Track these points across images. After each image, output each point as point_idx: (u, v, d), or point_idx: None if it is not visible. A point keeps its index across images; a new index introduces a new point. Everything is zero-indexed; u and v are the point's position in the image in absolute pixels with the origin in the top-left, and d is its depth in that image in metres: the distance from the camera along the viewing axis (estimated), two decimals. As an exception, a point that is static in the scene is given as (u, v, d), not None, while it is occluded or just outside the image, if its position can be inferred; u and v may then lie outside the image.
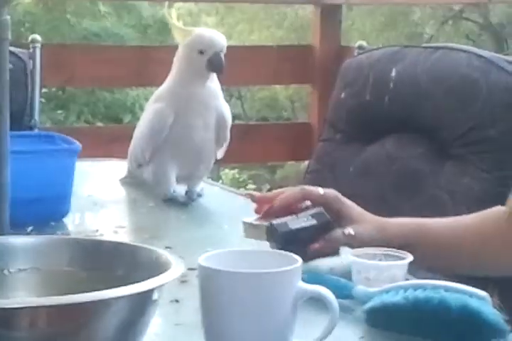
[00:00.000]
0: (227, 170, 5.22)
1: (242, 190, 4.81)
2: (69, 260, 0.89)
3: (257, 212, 1.20)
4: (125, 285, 0.77)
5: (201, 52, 1.47)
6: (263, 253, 0.87)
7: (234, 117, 1.60)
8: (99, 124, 5.62)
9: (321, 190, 1.18)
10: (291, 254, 0.84)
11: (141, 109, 5.86)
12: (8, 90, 1.24)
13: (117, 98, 6.01)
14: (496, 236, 1.15)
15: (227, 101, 1.56)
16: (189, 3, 6.70)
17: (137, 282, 0.78)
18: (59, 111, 5.82)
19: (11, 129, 1.23)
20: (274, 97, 6.67)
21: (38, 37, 2.37)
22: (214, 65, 1.46)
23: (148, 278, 0.79)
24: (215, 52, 1.46)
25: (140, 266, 0.86)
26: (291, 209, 1.15)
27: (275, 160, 3.82)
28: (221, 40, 1.47)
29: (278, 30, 7.41)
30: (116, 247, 0.90)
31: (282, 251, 0.87)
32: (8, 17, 1.23)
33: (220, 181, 5.08)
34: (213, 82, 1.50)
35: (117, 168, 1.76)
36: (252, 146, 2.93)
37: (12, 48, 2.07)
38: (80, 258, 0.89)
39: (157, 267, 0.83)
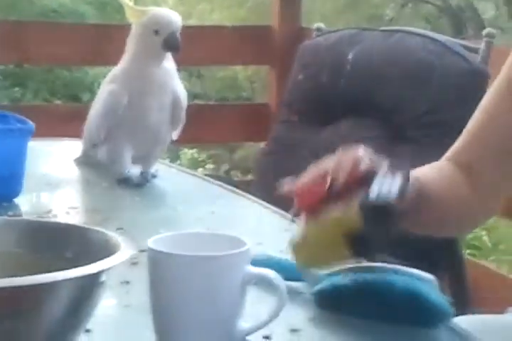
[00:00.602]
0: (185, 150, 5.20)
1: (200, 169, 4.80)
2: (17, 241, 0.88)
3: (301, 206, 0.91)
4: (74, 267, 0.77)
5: (157, 32, 1.46)
6: (213, 236, 0.87)
7: (194, 96, 1.60)
8: (58, 102, 5.56)
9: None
10: (240, 237, 0.84)
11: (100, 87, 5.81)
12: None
13: (76, 76, 5.94)
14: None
15: (187, 81, 1.55)
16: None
17: (86, 264, 0.78)
18: (16, 89, 5.75)
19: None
20: (234, 77, 6.64)
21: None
22: (170, 44, 1.45)
23: (97, 261, 0.79)
24: (171, 32, 1.45)
25: (89, 248, 0.86)
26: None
27: (233, 140, 3.82)
28: (176, 20, 1.46)
29: (239, 10, 7.37)
30: (66, 229, 0.90)
31: (229, 234, 0.87)
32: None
33: (179, 161, 5.06)
34: (169, 62, 1.49)
35: (73, 147, 1.75)
36: (210, 127, 2.92)
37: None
38: (28, 239, 0.89)
39: (107, 249, 0.83)
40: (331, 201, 0.87)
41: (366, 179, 0.86)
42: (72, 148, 1.74)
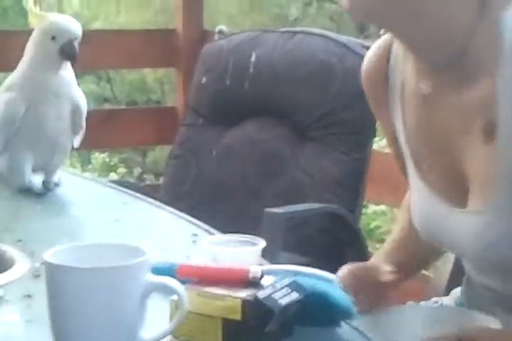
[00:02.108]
0: (96, 154, 5.13)
1: (112, 174, 4.75)
2: None
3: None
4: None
5: (54, 39, 1.43)
6: (112, 246, 0.86)
7: (104, 100, 1.57)
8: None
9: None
10: (139, 246, 0.84)
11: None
12: None
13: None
14: None
15: (96, 85, 1.53)
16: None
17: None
18: None
19: None
20: (143, 80, 6.59)
21: None
22: (66, 52, 1.43)
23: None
24: (69, 40, 1.43)
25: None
26: None
27: (141, 144, 3.79)
28: (75, 28, 1.44)
29: (146, 13, 7.32)
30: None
31: (130, 244, 0.86)
32: None
33: (90, 165, 5.00)
34: (67, 70, 1.47)
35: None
36: (119, 131, 2.90)
37: None
38: None
39: (1, 264, 0.82)
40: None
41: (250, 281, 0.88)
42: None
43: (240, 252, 1.01)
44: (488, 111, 1.05)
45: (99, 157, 5.18)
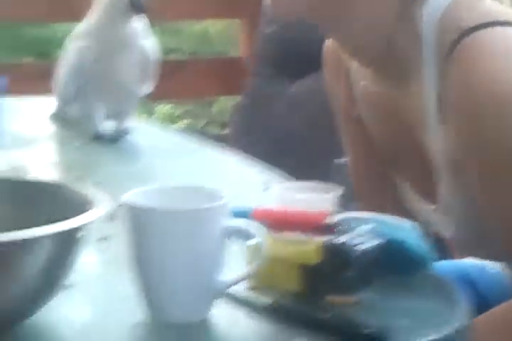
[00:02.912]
0: (161, 106, 5.16)
1: (176, 125, 4.77)
2: (-7, 198, 0.88)
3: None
4: (51, 223, 0.77)
5: (124, -9, 1.43)
6: (190, 189, 0.87)
7: (169, 51, 1.58)
8: (27, 59, 5.49)
9: None
10: (218, 190, 0.84)
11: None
12: None
13: (44, 33, 5.86)
14: None
15: (160, 35, 1.53)
16: None
17: (62, 220, 0.78)
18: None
19: None
20: (205, 31, 6.57)
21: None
22: (135, 6, 1.43)
23: (74, 217, 0.79)
24: None
25: (66, 204, 0.85)
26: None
27: (207, 95, 3.79)
28: None
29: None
30: (41, 185, 0.90)
31: (206, 186, 0.86)
32: None
33: (154, 116, 5.03)
34: (138, 21, 1.47)
35: (47, 104, 1.73)
36: (184, 81, 2.90)
37: None
38: (5, 196, 0.88)
39: (83, 205, 0.83)
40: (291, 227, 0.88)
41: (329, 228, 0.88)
42: (46, 104, 1.72)
43: (315, 199, 1.00)
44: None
45: (163, 108, 5.21)
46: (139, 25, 1.47)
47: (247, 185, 1.25)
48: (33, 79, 2.78)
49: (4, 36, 5.64)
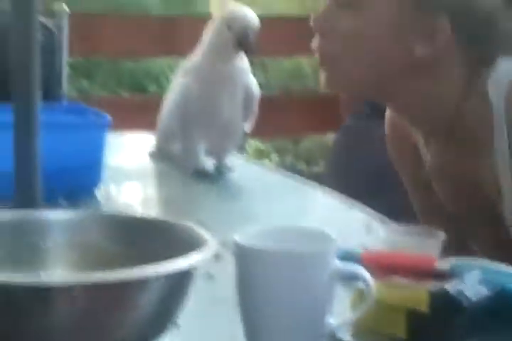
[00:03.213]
0: (250, 141, 5.21)
1: (266, 161, 4.80)
2: (105, 235, 0.89)
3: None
4: (161, 261, 0.78)
5: (231, 29, 1.45)
6: (296, 230, 0.87)
7: (259, 88, 1.59)
8: (124, 94, 5.62)
9: None
10: (324, 231, 0.84)
11: (167, 78, 5.84)
12: (38, 63, 1.23)
13: (142, 67, 6.00)
14: None
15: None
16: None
17: (172, 258, 0.79)
18: (83, 80, 5.82)
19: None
20: (298, 67, 6.62)
21: (64, 6, 2.36)
22: (242, 43, 1.45)
23: (184, 255, 0.79)
24: (245, 31, 1.45)
25: (175, 242, 0.87)
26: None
27: (301, 133, 3.81)
28: (253, 19, 1.45)
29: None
30: (152, 223, 0.91)
31: (315, 228, 0.86)
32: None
33: (245, 152, 5.07)
34: (242, 59, 1.49)
35: (145, 140, 1.76)
36: (276, 118, 2.93)
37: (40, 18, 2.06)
38: (115, 233, 0.90)
39: (192, 243, 0.84)
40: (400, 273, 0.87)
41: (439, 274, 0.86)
42: (144, 140, 1.76)
43: (421, 243, 0.99)
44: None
45: (252, 143, 5.25)
46: (242, 62, 1.49)
47: (348, 226, 1.24)
48: (129, 113, 2.85)
49: (103, 70, 5.80)
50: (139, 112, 2.86)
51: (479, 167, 1.07)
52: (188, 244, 0.84)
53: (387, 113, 1.23)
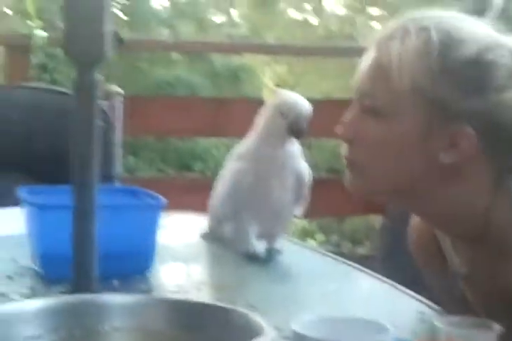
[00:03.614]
0: (295, 220, 5.21)
1: (310, 241, 4.80)
2: (163, 320, 0.91)
3: None
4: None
5: (283, 116, 1.49)
6: (351, 320, 0.88)
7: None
8: (171, 172, 5.70)
9: None
10: (381, 322, 0.85)
11: (212, 157, 5.92)
12: (98, 147, 1.26)
13: (188, 146, 6.09)
14: None
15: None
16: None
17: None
18: (130, 158, 5.92)
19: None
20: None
21: (118, 89, 2.44)
22: (294, 130, 1.48)
23: (242, 342, 0.80)
24: (297, 118, 1.48)
25: (232, 328, 0.88)
26: None
27: (347, 214, 3.82)
28: (305, 107, 1.49)
29: (349, 80, 7.42)
30: (209, 308, 0.92)
31: (371, 318, 0.87)
32: (100, 76, 1.27)
33: (287, 233, 5.08)
34: (294, 144, 1.52)
35: (192, 221, 1.79)
36: (323, 200, 2.94)
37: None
38: (173, 318, 0.91)
39: (249, 330, 0.85)
40: None
41: None
42: (191, 221, 1.78)
43: (477, 335, 0.99)
44: None
45: (298, 223, 5.26)
46: (293, 147, 1.52)
47: (400, 314, 1.24)
48: (177, 192, 2.89)
49: (149, 148, 5.90)
50: (187, 192, 2.91)
51: (510, 271, 1.07)
52: (245, 331, 0.85)
53: (413, 218, 1.24)
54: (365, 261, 1.85)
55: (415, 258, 1.25)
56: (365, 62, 1.12)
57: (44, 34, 3.03)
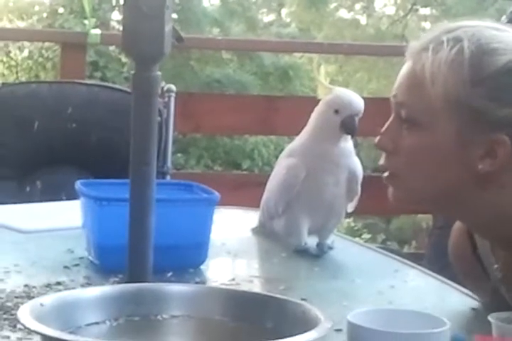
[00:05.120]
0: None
1: (358, 239, 4.80)
2: (220, 309, 0.93)
3: None
4: (275, 338, 0.80)
5: (337, 112, 1.50)
6: (408, 313, 0.89)
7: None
8: (219, 169, 5.74)
9: None
10: (438, 316, 0.85)
11: (260, 155, 5.94)
12: (156, 142, 1.28)
13: (237, 144, 6.12)
14: None
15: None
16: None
17: (287, 336, 0.81)
18: (179, 155, 5.97)
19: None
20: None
21: (173, 87, 2.45)
22: (347, 127, 1.49)
23: (298, 333, 0.82)
24: (350, 115, 1.49)
25: (288, 320, 0.89)
26: None
27: (396, 212, 3.81)
28: (358, 103, 1.50)
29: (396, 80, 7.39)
30: (265, 299, 0.94)
31: (427, 312, 0.88)
32: (159, 73, 1.29)
33: (336, 230, 5.08)
34: (347, 141, 1.53)
35: (244, 216, 1.81)
36: (373, 197, 2.94)
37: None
38: (230, 308, 0.93)
39: (305, 321, 0.86)
40: None
41: None
42: (244, 217, 1.80)
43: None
44: None
45: (344, 221, 5.27)
46: (347, 143, 1.53)
47: (453, 310, 1.24)
48: (225, 189, 2.91)
49: (199, 146, 5.94)
50: (236, 189, 2.92)
51: None
52: (301, 322, 0.87)
53: (452, 230, 1.25)
54: (412, 260, 1.85)
55: (455, 270, 1.26)
56: (402, 72, 1.14)
57: (98, 32, 3.08)
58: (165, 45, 1.24)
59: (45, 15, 7.10)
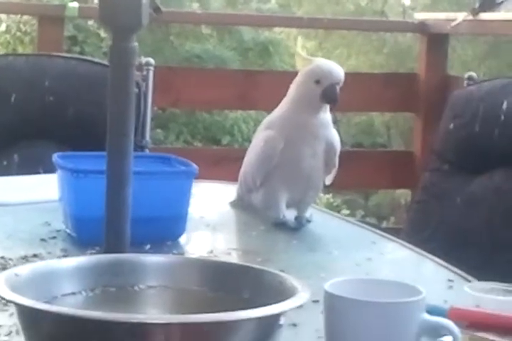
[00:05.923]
0: (321, 195, 5.23)
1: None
2: (197, 280, 0.92)
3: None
4: (252, 307, 0.80)
5: (317, 83, 1.49)
6: (385, 283, 0.89)
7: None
8: (198, 145, 5.72)
9: None
10: (415, 286, 0.86)
11: (240, 131, 5.92)
12: (133, 113, 1.27)
13: (216, 119, 6.10)
14: None
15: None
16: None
17: (263, 305, 0.81)
18: (158, 131, 5.94)
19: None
20: (370, 123, 6.64)
21: (151, 60, 2.44)
22: (328, 96, 1.48)
23: (275, 302, 0.81)
24: (331, 84, 1.48)
25: (265, 290, 0.89)
26: None
27: (375, 187, 3.82)
28: (339, 73, 1.49)
29: (376, 56, 7.40)
30: (242, 270, 0.93)
31: (403, 281, 0.88)
32: (136, 44, 1.27)
33: (315, 205, 5.10)
34: (326, 112, 1.52)
35: (223, 190, 1.80)
36: (352, 173, 2.95)
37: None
38: (207, 278, 0.92)
39: (282, 291, 0.86)
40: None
41: None
42: (223, 191, 1.79)
43: (508, 301, 1.00)
44: None
45: (323, 197, 5.27)
46: (325, 115, 1.52)
47: (430, 282, 1.25)
48: (204, 164, 2.90)
49: (179, 121, 5.92)
50: (215, 165, 2.92)
51: None
52: (278, 292, 0.86)
53: None
54: (390, 234, 1.85)
55: None
56: None
57: (76, 5, 3.04)
58: (142, 15, 1.22)
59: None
